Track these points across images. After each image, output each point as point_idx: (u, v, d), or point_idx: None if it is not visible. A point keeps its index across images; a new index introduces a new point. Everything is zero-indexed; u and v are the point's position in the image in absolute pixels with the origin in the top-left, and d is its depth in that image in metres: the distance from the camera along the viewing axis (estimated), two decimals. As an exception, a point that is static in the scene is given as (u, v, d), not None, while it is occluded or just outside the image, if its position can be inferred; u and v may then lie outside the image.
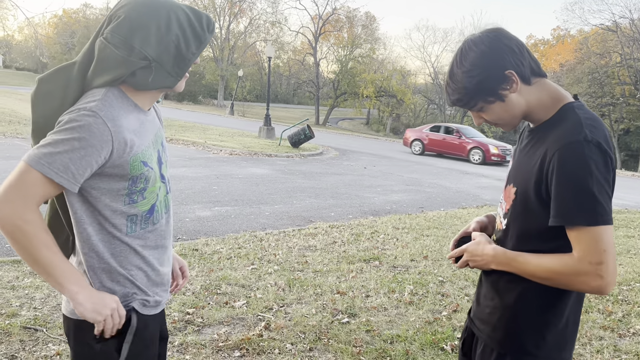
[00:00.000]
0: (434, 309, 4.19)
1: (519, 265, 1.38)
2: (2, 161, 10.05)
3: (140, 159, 1.39)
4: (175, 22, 1.35)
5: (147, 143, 1.43)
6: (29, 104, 7.76)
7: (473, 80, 1.37)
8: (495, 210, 1.87)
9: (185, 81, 1.47)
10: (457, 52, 1.41)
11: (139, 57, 1.33)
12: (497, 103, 1.39)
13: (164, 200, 1.53)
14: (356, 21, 53.35)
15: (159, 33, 1.33)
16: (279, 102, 68.14)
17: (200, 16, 1.41)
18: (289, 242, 5.90)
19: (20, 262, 4.54)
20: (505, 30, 1.40)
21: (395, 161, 16.82)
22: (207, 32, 1.42)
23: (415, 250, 5.93)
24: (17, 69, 77.81)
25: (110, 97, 1.35)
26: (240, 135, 20.63)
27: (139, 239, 1.46)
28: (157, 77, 1.37)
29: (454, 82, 1.41)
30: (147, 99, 1.46)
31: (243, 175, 10.92)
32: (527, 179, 1.37)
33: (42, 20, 66.88)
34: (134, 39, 1.32)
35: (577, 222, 1.26)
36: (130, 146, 1.35)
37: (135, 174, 1.38)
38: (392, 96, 47.33)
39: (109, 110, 1.31)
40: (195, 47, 1.39)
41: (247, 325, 3.66)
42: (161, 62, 1.35)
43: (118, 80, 1.36)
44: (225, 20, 53.16)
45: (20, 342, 3.16)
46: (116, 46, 1.33)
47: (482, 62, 1.36)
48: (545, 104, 1.40)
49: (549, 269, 1.32)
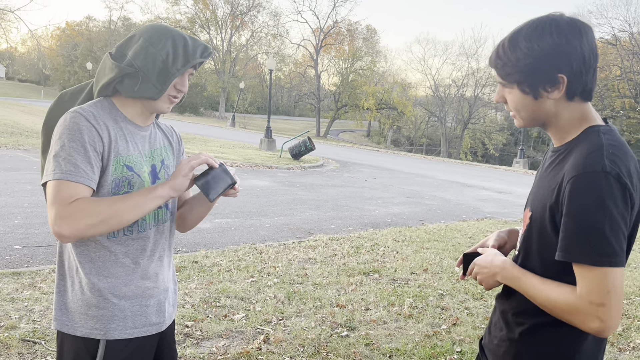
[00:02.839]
0: (434, 323, 4.18)
1: (522, 284, 1.30)
2: (3, 173, 10.08)
3: (124, 162, 1.46)
4: (170, 42, 1.47)
5: (136, 152, 1.51)
6: (31, 116, 7.88)
7: (526, 60, 1.25)
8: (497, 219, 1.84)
9: (172, 106, 1.56)
10: (537, 23, 1.25)
11: (128, 65, 1.46)
12: (529, 97, 1.28)
13: (153, 214, 1.55)
14: (357, 34, 53.76)
15: (151, 48, 1.45)
16: (280, 114, 68.43)
17: (198, 44, 1.52)
18: (289, 255, 5.90)
19: (19, 274, 4.54)
20: (592, 32, 1.26)
21: (395, 173, 16.84)
22: (198, 56, 1.51)
23: (415, 263, 5.93)
24: (20, 81, 78.25)
25: (98, 104, 1.49)
26: (241, 147, 20.69)
27: (121, 245, 1.49)
28: (143, 87, 1.46)
29: (511, 46, 1.27)
30: (136, 112, 1.54)
31: (243, 187, 10.93)
32: (543, 205, 1.28)
33: (45, 32, 67.50)
34: (129, 51, 1.48)
35: (580, 260, 1.17)
36: (114, 146, 1.44)
37: (118, 176, 1.45)
38: (393, 108, 47.56)
39: (90, 111, 1.43)
40: (181, 64, 1.47)
41: (246, 338, 3.65)
42: (146, 72, 1.45)
43: (110, 85, 1.48)
44: (227, 32, 53.56)
45: (19, 354, 3.16)
46: (114, 57, 1.49)
47: (547, 52, 1.23)
48: (572, 123, 1.30)
49: (549, 298, 1.24)
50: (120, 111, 1.51)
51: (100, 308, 1.46)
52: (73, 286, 1.48)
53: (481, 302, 4.72)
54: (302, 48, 54.33)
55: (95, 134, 1.40)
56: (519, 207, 11.48)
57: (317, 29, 51.42)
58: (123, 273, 1.49)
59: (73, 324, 1.47)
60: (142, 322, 1.53)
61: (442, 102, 49.32)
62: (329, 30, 51.58)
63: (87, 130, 1.38)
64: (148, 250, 1.54)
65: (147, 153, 1.55)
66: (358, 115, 50.75)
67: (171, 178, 1.46)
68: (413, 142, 53.56)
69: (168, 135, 1.70)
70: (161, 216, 1.59)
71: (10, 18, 22.29)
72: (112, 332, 1.48)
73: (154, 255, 1.57)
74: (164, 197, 1.43)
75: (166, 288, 1.64)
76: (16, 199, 7.74)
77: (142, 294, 1.53)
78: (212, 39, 53.00)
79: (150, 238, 1.55)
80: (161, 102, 1.51)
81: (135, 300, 1.51)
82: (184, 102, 1.58)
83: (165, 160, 1.63)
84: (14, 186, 8.78)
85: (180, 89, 1.52)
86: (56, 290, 1.52)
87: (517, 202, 12.20)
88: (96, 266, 1.46)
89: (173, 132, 1.74)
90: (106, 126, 1.43)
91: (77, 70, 65.20)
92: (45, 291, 4.20)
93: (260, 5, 52.57)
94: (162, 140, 1.65)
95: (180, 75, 1.49)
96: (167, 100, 1.52)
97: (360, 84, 48.58)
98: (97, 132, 1.40)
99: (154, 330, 1.57)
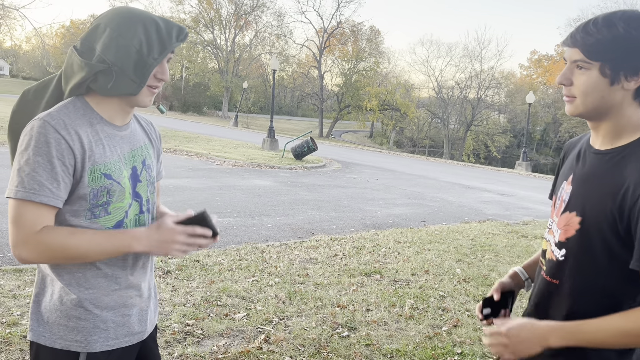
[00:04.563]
0: (435, 324, 4.18)
1: (584, 335, 1.21)
2: (4, 170, 10.11)
3: (102, 171, 1.36)
4: (142, 29, 1.34)
5: (114, 157, 1.40)
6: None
7: (622, 41, 1.21)
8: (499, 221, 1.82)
9: (153, 97, 1.44)
10: (633, 12, 1.23)
11: (98, 61, 1.33)
12: (605, 81, 1.24)
13: (134, 219, 1.46)
14: (361, 35, 53.68)
15: (121, 39, 1.33)
16: (283, 114, 68.42)
17: (171, 26, 1.40)
18: (290, 255, 5.91)
19: (22, 271, 4.55)
20: None
21: (398, 174, 16.83)
22: (174, 40, 1.39)
23: (417, 264, 5.93)
24: (24, 78, 78.45)
25: (69, 107, 1.36)
26: (244, 146, 20.71)
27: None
28: (118, 83, 1.34)
29: (607, 24, 1.23)
30: (114, 111, 1.42)
31: (246, 187, 10.94)
32: (599, 211, 1.23)
33: (50, 30, 67.58)
34: (96, 44, 1.34)
35: None
36: (88, 155, 1.34)
37: (95, 186, 1.35)
38: (396, 110, 47.49)
39: (60, 118, 1.31)
40: (157, 52, 1.36)
41: (247, 337, 3.66)
42: (121, 67, 1.33)
43: (82, 85, 1.36)
44: (231, 32, 53.59)
45: (20, 351, 3.17)
46: (81, 53, 1.36)
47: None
48: (630, 124, 1.27)
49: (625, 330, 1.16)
50: (95, 111, 1.39)
51: (80, 319, 1.39)
52: (52, 296, 1.40)
53: (482, 304, 4.72)
54: (306, 48, 54.32)
55: (64, 147, 1.29)
56: (521, 209, 11.47)
57: (321, 29, 51.41)
58: (105, 283, 1.41)
59: (51, 335, 1.39)
60: (124, 332, 1.46)
61: (445, 103, 49.26)
62: (333, 31, 51.54)
63: (55, 143, 1.27)
64: (130, 260, 1.45)
65: (127, 155, 1.45)
66: (361, 116, 50.68)
67: (155, 241, 1.38)
68: (416, 144, 53.50)
69: (147, 132, 1.59)
70: (142, 222, 1.50)
71: (15, 16, 22.35)
72: (94, 344, 1.40)
73: (137, 263, 1.49)
74: (137, 252, 1.39)
75: (149, 295, 1.57)
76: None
77: (125, 303, 1.46)
78: (215, 39, 53.04)
79: None
80: (142, 96, 1.40)
81: (118, 310, 1.44)
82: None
83: (146, 160, 1.52)
84: (17, 183, 8.80)
85: (161, 78, 1.41)
86: (34, 300, 1.43)
87: (519, 205, 12.19)
88: (76, 277, 1.38)
89: (152, 128, 1.63)
90: (78, 135, 1.32)
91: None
92: (47, 288, 4.21)
93: (264, 5, 52.53)
94: (143, 138, 1.54)
95: (159, 64, 1.38)
96: (148, 92, 1.40)
97: (363, 85, 48.54)
98: (66, 143, 1.29)
99: (135, 340, 1.50)
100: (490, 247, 7.06)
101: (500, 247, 7.11)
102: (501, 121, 54.41)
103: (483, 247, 7.00)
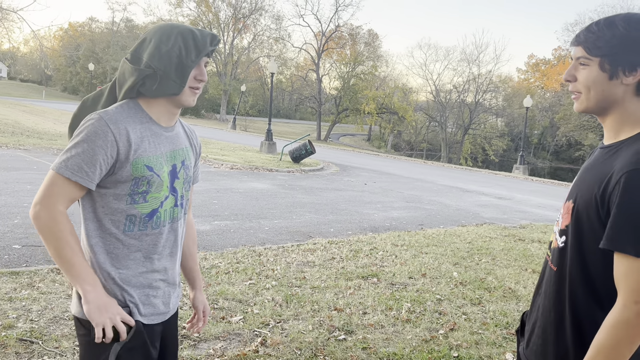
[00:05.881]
0: (431, 327, 4.18)
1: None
2: (3, 172, 10.09)
3: (145, 163, 1.55)
4: (180, 37, 1.57)
5: (158, 152, 1.60)
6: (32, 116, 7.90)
7: (619, 38, 1.29)
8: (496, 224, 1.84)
9: (196, 97, 1.64)
10: (635, 14, 1.31)
11: (146, 67, 1.56)
12: (604, 75, 1.31)
13: (169, 210, 1.65)
14: (359, 39, 53.79)
15: (163, 47, 1.55)
16: (281, 117, 68.46)
17: (206, 34, 1.61)
18: (288, 258, 5.90)
19: (18, 274, 4.54)
20: None
21: (395, 178, 16.85)
22: (209, 45, 1.60)
23: (414, 267, 5.93)
24: (22, 81, 78.33)
25: (123, 107, 1.58)
26: (242, 149, 20.71)
27: (135, 240, 1.59)
28: (163, 84, 1.55)
29: (607, 24, 1.32)
30: (161, 112, 1.63)
31: (243, 190, 10.94)
32: (587, 198, 1.30)
33: (48, 33, 67.59)
34: (144, 54, 1.57)
35: (626, 249, 1.17)
36: (134, 149, 1.53)
37: (138, 175, 1.54)
38: (394, 113, 47.55)
39: (114, 115, 1.52)
40: (194, 55, 1.57)
41: (244, 340, 3.65)
42: (165, 70, 1.54)
43: (134, 89, 1.58)
44: (229, 35, 53.62)
45: (16, 354, 3.16)
46: (131, 61, 1.59)
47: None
48: (631, 119, 1.33)
49: (605, 343, 1.20)
50: (145, 112, 1.61)
51: (113, 295, 1.57)
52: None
53: (479, 308, 4.72)
54: (304, 52, 54.33)
55: (110, 139, 1.49)
56: (518, 213, 11.49)
57: (319, 32, 51.46)
58: (134, 265, 1.59)
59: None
60: (151, 311, 1.64)
61: (443, 107, 49.35)
62: (331, 35, 51.61)
63: (102, 135, 1.48)
64: (160, 246, 1.64)
65: (169, 154, 1.64)
66: (359, 120, 50.75)
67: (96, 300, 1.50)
68: (413, 147, 53.59)
69: (190, 137, 1.79)
70: (176, 214, 1.68)
71: (13, 18, 22.31)
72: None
73: (165, 250, 1.66)
74: (78, 287, 1.51)
75: (174, 282, 1.74)
76: (16, 199, 7.75)
77: (151, 285, 1.64)
78: (214, 42, 53.04)
79: (163, 234, 1.64)
80: (185, 95, 1.60)
81: (144, 290, 1.62)
82: (193, 105, 1.67)
83: (185, 161, 1.72)
84: (14, 186, 8.79)
85: (200, 79, 1.61)
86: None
87: (516, 208, 12.21)
88: (110, 257, 1.57)
89: (194, 136, 1.84)
90: (126, 131, 1.52)
91: (79, 71, 65.25)
92: (43, 291, 4.20)
93: (262, 8, 52.59)
94: (184, 142, 1.74)
95: (196, 66, 1.59)
96: (190, 93, 1.61)
97: (361, 88, 48.59)
98: (113, 137, 1.49)
99: (160, 319, 1.67)
100: (487, 250, 7.06)
101: (497, 250, 7.11)
102: (499, 125, 54.52)
103: (480, 251, 7.00)
